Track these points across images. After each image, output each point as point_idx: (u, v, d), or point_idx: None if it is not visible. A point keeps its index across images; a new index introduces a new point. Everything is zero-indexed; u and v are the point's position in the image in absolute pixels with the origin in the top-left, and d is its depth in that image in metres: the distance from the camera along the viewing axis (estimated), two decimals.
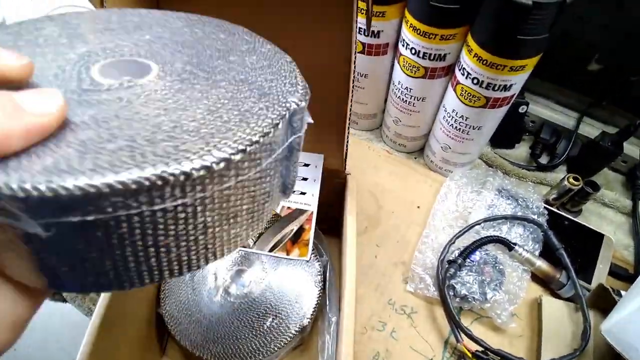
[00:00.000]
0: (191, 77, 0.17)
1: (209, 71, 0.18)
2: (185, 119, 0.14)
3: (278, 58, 0.20)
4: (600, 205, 0.52)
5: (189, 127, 0.14)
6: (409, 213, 0.49)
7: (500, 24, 0.34)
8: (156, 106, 0.15)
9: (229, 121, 0.15)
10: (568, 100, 0.56)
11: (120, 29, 0.20)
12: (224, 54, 0.19)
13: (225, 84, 0.17)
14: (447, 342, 0.40)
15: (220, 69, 0.18)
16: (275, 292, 0.37)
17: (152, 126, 0.14)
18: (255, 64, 0.19)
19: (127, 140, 0.13)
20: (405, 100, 0.47)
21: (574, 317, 0.40)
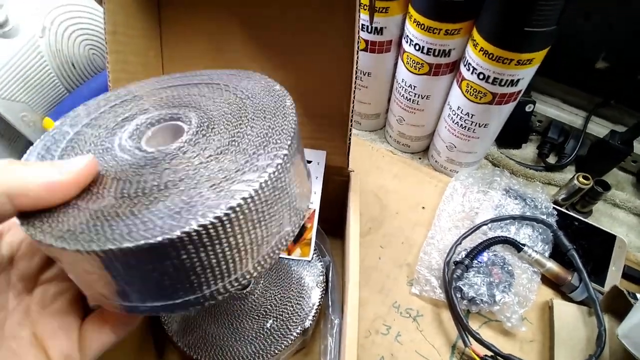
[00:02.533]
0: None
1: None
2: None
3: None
4: (611, 205, 0.50)
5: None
6: (414, 214, 0.47)
7: (507, 15, 0.33)
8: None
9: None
10: (575, 99, 0.55)
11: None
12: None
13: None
14: (454, 346, 0.38)
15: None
16: (276, 292, 0.36)
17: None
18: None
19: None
20: (409, 99, 0.47)
21: (587, 322, 0.39)
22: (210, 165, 0.18)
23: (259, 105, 0.22)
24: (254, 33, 0.36)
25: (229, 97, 0.22)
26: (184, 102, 0.23)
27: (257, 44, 0.36)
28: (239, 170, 0.18)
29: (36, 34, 0.42)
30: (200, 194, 0.17)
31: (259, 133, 0.20)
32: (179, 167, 0.18)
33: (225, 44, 0.36)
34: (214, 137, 0.20)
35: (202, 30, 0.36)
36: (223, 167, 0.18)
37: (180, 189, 0.17)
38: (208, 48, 0.37)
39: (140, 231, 0.15)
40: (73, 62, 0.45)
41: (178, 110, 0.22)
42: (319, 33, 0.35)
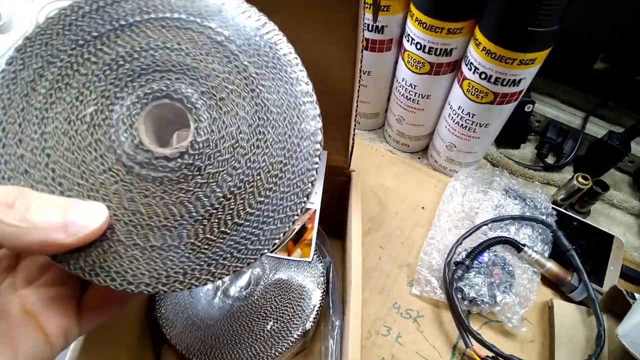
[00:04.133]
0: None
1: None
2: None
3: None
4: (609, 206, 0.50)
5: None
6: (414, 214, 0.47)
7: (510, 15, 0.33)
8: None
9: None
10: (574, 99, 0.55)
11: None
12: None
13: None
14: (455, 347, 0.38)
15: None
16: (276, 294, 0.35)
17: None
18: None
19: None
20: (410, 98, 0.46)
21: (586, 321, 0.39)
22: (257, 156, 0.17)
23: (246, 47, 0.18)
24: None
25: (201, 41, 0.18)
26: (147, 64, 0.17)
27: None
28: (288, 152, 0.17)
29: (29, 29, 0.41)
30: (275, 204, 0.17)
31: (275, 91, 0.17)
32: (225, 168, 0.17)
33: None
34: (231, 111, 0.17)
35: None
36: (271, 152, 0.17)
37: (249, 195, 0.17)
38: None
39: (249, 245, 0.17)
40: None
41: (156, 84, 0.17)
42: (321, 32, 0.34)
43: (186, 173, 0.17)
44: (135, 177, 0.17)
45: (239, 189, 0.17)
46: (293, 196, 0.17)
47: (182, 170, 0.17)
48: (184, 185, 0.17)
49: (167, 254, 0.16)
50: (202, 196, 0.17)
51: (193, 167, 0.17)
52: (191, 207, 0.16)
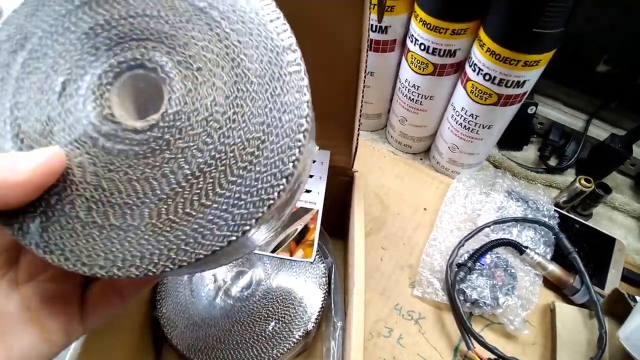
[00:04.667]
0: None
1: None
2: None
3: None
4: (611, 208, 0.50)
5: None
6: (415, 215, 0.47)
7: (515, 16, 0.33)
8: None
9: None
10: (577, 101, 0.55)
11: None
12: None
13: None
14: (457, 349, 0.38)
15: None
16: (277, 294, 0.35)
17: None
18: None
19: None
20: (412, 99, 0.46)
21: (588, 324, 0.39)
22: (232, 131, 0.16)
23: (231, 14, 0.16)
24: None
25: (182, 8, 0.17)
26: (124, 32, 0.17)
27: None
28: (268, 127, 0.15)
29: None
30: (238, 185, 0.15)
31: (257, 60, 0.16)
32: (197, 143, 0.16)
33: None
34: (208, 82, 0.16)
35: None
36: (249, 127, 0.15)
37: (220, 174, 0.15)
38: None
39: (215, 231, 0.15)
40: None
41: (130, 53, 0.16)
42: (325, 31, 0.34)
43: (154, 147, 0.16)
44: (100, 149, 0.16)
45: (210, 166, 0.15)
46: (270, 177, 0.15)
47: (150, 144, 0.16)
48: (151, 161, 0.16)
49: (126, 235, 0.15)
50: (168, 173, 0.15)
51: (162, 141, 0.16)
52: (156, 185, 0.15)
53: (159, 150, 0.16)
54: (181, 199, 0.15)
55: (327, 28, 0.34)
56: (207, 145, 0.16)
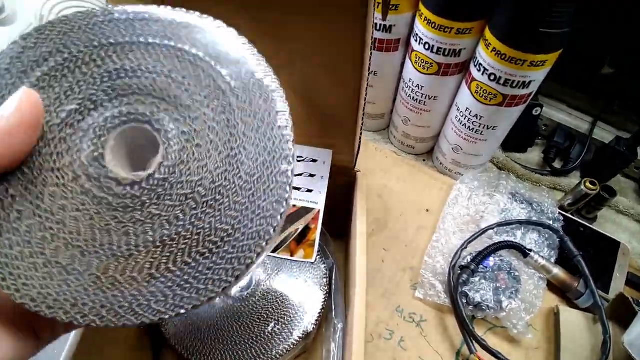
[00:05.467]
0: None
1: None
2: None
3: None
4: (615, 212, 0.50)
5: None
6: (418, 216, 0.46)
7: (521, 16, 0.33)
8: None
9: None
10: (582, 104, 0.54)
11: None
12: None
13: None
14: (459, 352, 0.37)
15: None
16: (277, 295, 0.35)
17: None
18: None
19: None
20: (416, 99, 0.46)
21: (592, 329, 0.38)
22: (205, 215, 0.16)
23: (246, 106, 0.17)
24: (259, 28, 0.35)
25: (205, 83, 0.17)
26: (144, 86, 0.17)
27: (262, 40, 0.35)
28: (238, 224, 0.16)
29: (33, 23, 0.40)
30: (205, 267, 0.15)
31: (253, 158, 0.16)
32: (169, 215, 0.16)
33: None
34: (201, 161, 0.16)
35: None
36: (221, 219, 0.16)
37: (178, 252, 0.15)
38: None
39: (152, 304, 0.15)
40: None
41: (143, 107, 0.17)
42: (328, 29, 0.33)
43: (127, 204, 0.16)
44: (79, 187, 0.16)
45: (172, 241, 0.15)
46: (222, 271, 0.15)
47: (125, 200, 0.16)
48: (119, 215, 0.15)
49: (67, 277, 0.15)
50: (131, 233, 0.15)
51: (137, 201, 0.16)
52: (115, 240, 0.15)
53: (131, 208, 0.16)
54: (132, 262, 0.15)
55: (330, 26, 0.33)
56: (177, 221, 0.16)
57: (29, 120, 0.15)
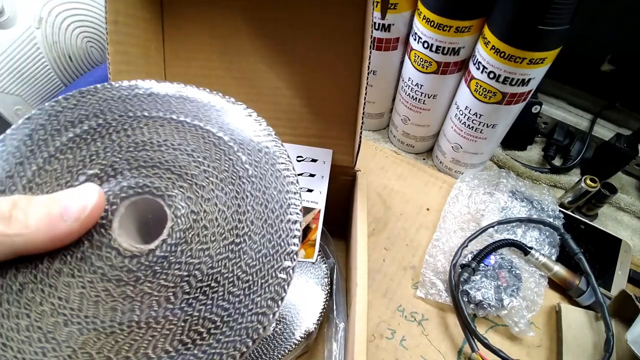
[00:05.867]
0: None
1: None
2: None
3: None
4: (616, 209, 0.50)
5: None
6: (418, 215, 0.46)
7: (520, 13, 0.33)
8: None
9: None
10: (581, 101, 0.54)
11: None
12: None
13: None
14: (460, 351, 0.37)
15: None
16: None
17: None
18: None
19: None
20: (415, 98, 0.46)
21: (594, 326, 0.38)
22: (197, 302, 0.15)
23: (260, 195, 0.17)
24: (259, 27, 0.35)
25: (224, 166, 0.17)
26: (166, 161, 0.17)
27: (263, 39, 0.35)
28: (228, 317, 0.15)
29: (32, 25, 0.41)
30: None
31: (257, 249, 0.16)
32: (160, 296, 0.15)
33: (229, 38, 0.35)
34: (204, 244, 0.16)
35: (206, 24, 0.35)
36: (212, 308, 0.15)
37: (160, 337, 0.14)
38: (211, 42, 0.35)
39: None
40: (70, 54, 0.44)
41: (159, 181, 0.17)
42: (328, 28, 0.34)
43: (122, 277, 0.15)
44: (79, 253, 0.15)
45: (157, 324, 0.15)
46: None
47: (121, 272, 0.15)
48: (111, 288, 0.15)
49: (45, 345, 0.14)
50: (118, 309, 0.15)
51: (132, 276, 0.15)
52: (100, 313, 0.15)
53: (124, 283, 0.15)
54: (112, 340, 0.14)
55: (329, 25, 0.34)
56: (167, 303, 0.15)
57: (87, 228, 0.15)
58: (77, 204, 0.15)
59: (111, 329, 0.15)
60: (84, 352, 0.14)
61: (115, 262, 0.15)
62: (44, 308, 0.15)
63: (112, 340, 0.14)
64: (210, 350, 0.14)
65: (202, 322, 0.15)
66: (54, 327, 0.15)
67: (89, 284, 0.15)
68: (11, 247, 0.14)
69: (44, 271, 0.15)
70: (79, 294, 0.15)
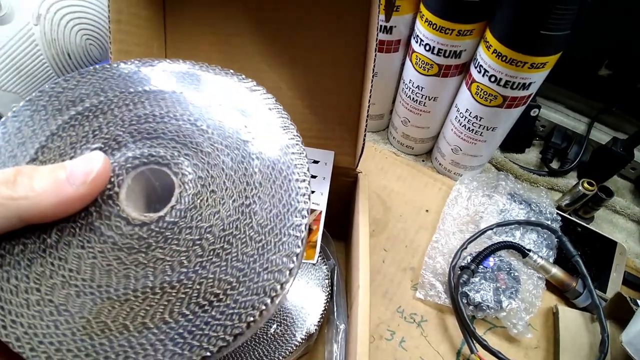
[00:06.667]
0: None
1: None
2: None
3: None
4: (612, 212, 0.50)
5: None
6: (418, 217, 0.47)
7: (522, 18, 0.33)
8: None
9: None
10: (579, 105, 0.55)
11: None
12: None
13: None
14: (459, 352, 0.38)
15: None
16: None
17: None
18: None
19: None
20: (416, 100, 0.46)
21: (590, 328, 0.39)
22: (211, 264, 0.15)
23: (265, 157, 0.17)
24: (262, 27, 0.35)
25: (228, 132, 0.18)
26: (169, 131, 0.17)
27: (265, 39, 0.35)
28: (244, 277, 0.15)
29: (31, 22, 0.40)
30: (201, 319, 0.14)
31: (267, 209, 0.16)
32: (173, 260, 0.15)
33: (231, 38, 0.35)
34: (214, 208, 0.16)
35: (208, 23, 0.35)
36: (226, 269, 0.15)
37: (177, 301, 0.14)
38: (213, 42, 0.35)
39: (139, 358, 0.14)
40: (69, 52, 0.43)
41: (164, 150, 0.17)
42: (331, 29, 0.33)
43: (133, 245, 0.15)
44: (88, 224, 0.15)
45: (172, 288, 0.15)
46: (219, 327, 0.14)
47: (132, 240, 0.15)
48: (122, 256, 0.15)
49: (58, 318, 0.14)
50: (131, 276, 0.15)
51: (143, 243, 0.15)
52: (113, 282, 0.15)
53: (136, 250, 0.15)
54: (127, 308, 0.14)
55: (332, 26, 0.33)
56: (181, 267, 0.15)
57: (94, 193, 0.15)
58: (83, 168, 0.15)
59: (125, 297, 0.15)
60: (98, 321, 0.14)
61: (125, 231, 0.15)
62: (55, 281, 0.15)
63: (127, 308, 0.14)
64: (228, 311, 0.15)
65: (217, 284, 0.15)
66: (66, 299, 0.14)
67: (99, 254, 0.15)
68: (17, 211, 0.14)
69: (52, 245, 0.15)
70: (90, 264, 0.15)
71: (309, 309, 0.34)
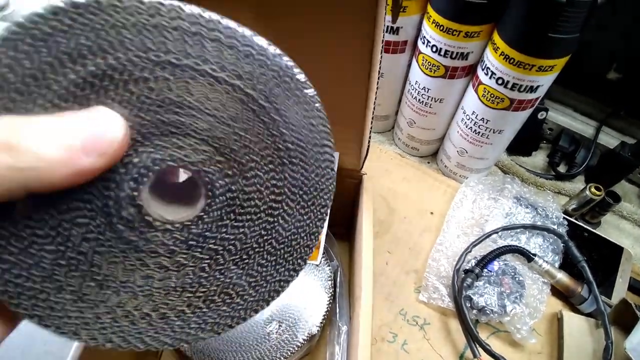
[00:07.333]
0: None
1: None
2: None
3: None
4: (619, 217, 0.50)
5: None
6: (422, 219, 0.46)
7: (530, 21, 0.33)
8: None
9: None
10: (587, 108, 0.54)
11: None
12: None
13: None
14: (462, 356, 0.37)
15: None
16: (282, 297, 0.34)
17: None
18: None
19: None
20: (422, 101, 0.46)
21: (594, 334, 0.38)
22: (228, 272, 0.16)
23: (298, 176, 0.16)
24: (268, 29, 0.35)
25: (265, 143, 0.15)
26: (201, 130, 0.14)
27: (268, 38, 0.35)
28: (255, 283, 0.16)
29: None
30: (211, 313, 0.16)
31: (287, 229, 0.16)
32: (196, 267, 0.16)
33: None
34: (239, 223, 0.16)
35: None
36: (242, 276, 0.16)
37: (195, 299, 0.16)
38: None
39: (161, 337, 0.16)
40: None
41: (195, 154, 0.14)
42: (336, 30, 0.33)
43: (156, 250, 0.15)
44: (107, 225, 0.14)
45: (192, 288, 0.16)
46: (228, 319, 0.16)
47: (156, 247, 0.15)
48: (145, 258, 0.15)
49: (81, 305, 0.14)
50: (155, 277, 0.15)
51: (166, 249, 0.15)
52: (137, 278, 0.15)
53: (158, 254, 0.15)
54: (149, 300, 0.15)
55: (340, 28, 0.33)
56: (202, 273, 0.16)
57: (111, 164, 0.13)
58: (101, 135, 0.13)
59: (149, 291, 0.15)
60: (122, 309, 0.15)
61: (149, 235, 0.15)
62: (76, 275, 0.15)
63: (149, 300, 0.15)
64: (237, 307, 0.16)
65: (232, 287, 0.16)
66: (89, 291, 0.15)
67: (121, 255, 0.15)
68: (23, 183, 0.11)
69: (83, 252, 0.15)
70: (112, 263, 0.15)
71: (312, 309, 0.34)
